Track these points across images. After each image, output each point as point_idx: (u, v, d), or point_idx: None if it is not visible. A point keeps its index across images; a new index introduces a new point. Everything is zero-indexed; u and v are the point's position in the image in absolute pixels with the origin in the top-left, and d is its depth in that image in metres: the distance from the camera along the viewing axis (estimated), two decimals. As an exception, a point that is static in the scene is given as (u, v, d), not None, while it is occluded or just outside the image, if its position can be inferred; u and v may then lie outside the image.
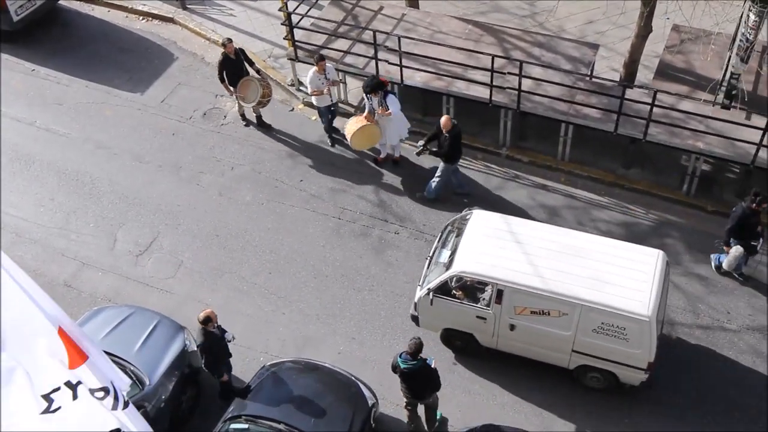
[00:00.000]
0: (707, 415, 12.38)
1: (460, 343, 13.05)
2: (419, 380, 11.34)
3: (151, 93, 18.03)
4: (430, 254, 13.12)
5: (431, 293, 12.35)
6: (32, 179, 16.28)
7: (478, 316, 12.32)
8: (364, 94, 15.62)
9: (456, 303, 12.40)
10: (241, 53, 16.15)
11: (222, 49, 16.12)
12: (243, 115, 17.11)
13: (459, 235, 12.84)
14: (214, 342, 11.68)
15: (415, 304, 12.78)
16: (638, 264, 11.88)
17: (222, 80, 16.27)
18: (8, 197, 15.86)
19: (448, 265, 12.39)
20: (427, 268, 12.87)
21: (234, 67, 16.08)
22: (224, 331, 11.88)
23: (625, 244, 12.58)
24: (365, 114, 15.44)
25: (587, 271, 11.75)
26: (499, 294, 11.92)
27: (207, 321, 11.52)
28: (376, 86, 15.01)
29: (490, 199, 15.37)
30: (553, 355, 12.39)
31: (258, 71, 16.44)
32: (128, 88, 18.15)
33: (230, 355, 12.15)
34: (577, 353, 12.11)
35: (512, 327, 12.16)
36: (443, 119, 14.53)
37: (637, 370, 11.92)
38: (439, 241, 13.20)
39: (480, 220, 12.83)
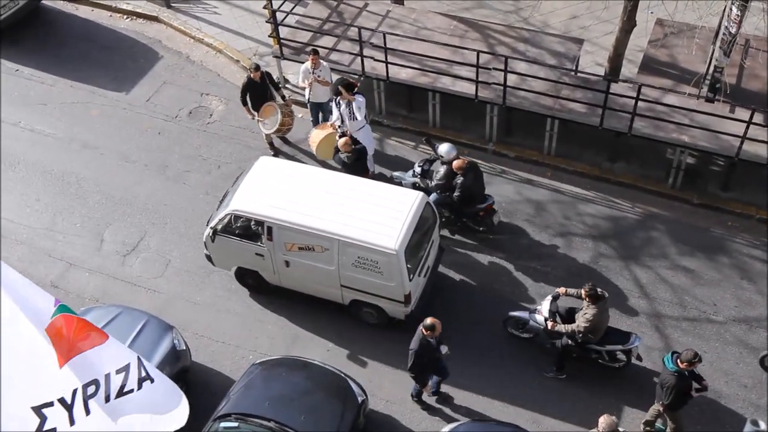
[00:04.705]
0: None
1: (251, 281, 13.95)
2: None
3: (136, 92, 17.97)
4: (221, 197, 14.05)
5: (212, 231, 13.25)
6: (18, 180, 16.20)
7: (257, 254, 13.19)
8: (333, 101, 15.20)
9: (235, 240, 13.23)
10: (266, 77, 15.68)
11: (248, 73, 15.70)
12: (271, 144, 16.44)
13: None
14: (426, 351, 11.40)
15: (205, 243, 13.60)
16: (397, 204, 12.68)
17: (244, 103, 15.77)
18: (-7, 198, 15.81)
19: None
20: (217, 209, 13.70)
21: (258, 91, 15.64)
22: (440, 343, 11.53)
23: (393, 187, 13.49)
24: (331, 122, 15.23)
25: (350, 211, 12.60)
26: (270, 231, 12.79)
27: (431, 328, 11.24)
28: (346, 87, 14.65)
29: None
30: (327, 291, 13.24)
31: (283, 97, 16.04)
32: (113, 87, 18.09)
33: (439, 366, 11.92)
34: (346, 288, 12.95)
35: (287, 263, 13.03)
36: (341, 141, 14.18)
37: (398, 303, 12.70)
38: (232, 186, 13.95)
39: (263, 165, 13.68)
